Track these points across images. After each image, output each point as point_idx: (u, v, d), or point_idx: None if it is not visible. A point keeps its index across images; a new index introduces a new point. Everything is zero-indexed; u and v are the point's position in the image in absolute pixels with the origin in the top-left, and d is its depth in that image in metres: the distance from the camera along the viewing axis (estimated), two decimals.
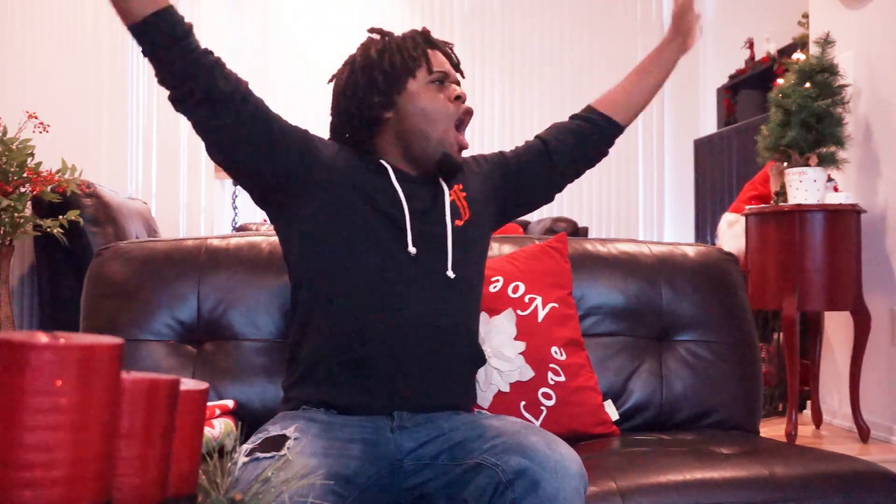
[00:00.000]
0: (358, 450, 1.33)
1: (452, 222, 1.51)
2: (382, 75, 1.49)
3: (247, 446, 1.28)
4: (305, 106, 5.41)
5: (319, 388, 1.42)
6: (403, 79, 1.49)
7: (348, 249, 1.43)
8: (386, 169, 1.49)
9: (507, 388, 1.73)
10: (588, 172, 1.77)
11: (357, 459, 1.32)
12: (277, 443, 1.28)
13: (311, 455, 1.25)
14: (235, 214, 5.28)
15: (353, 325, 1.41)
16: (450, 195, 1.53)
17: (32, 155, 2.83)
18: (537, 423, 1.72)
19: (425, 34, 1.55)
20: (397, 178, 1.49)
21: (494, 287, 1.81)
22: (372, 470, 1.33)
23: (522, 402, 1.74)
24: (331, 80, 1.58)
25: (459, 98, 1.50)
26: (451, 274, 1.47)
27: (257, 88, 1.41)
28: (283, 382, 1.51)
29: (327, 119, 1.59)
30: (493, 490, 1.23)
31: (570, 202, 5.92)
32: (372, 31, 1.57)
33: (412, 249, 1.44)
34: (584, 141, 1.70)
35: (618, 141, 1.74)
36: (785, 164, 3.27)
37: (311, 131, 1.51)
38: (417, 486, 1.35)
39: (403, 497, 1.36)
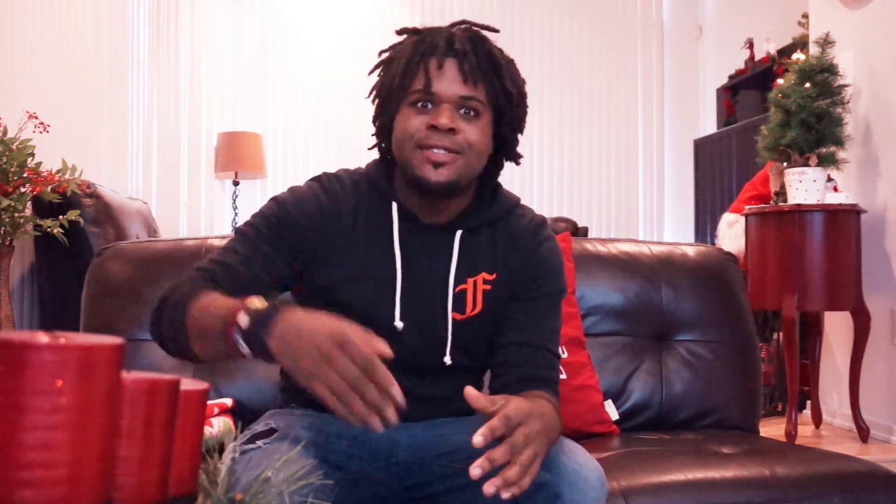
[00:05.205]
0: (345, 444, 1.32)
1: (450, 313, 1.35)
2: (380, 93, 1.34)
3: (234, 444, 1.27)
4: (304, 105, 5.40)
5: (306, 393, 1.39)
6: (399, 97, 1.30)
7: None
8: (392, 222, 1.34)
9: None
10: (588, 172, 1.74)
11: (343, 453, 1.31)
12: (264, 437, 1.28)
13: (295, 440, 1.24)
14: (235, 214, 5.28)
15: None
16: (467, 282, 1.35)
17: (33, 155, 2.83)
18: None
19: (431, 41, 1.30)
20: (402, 234, 1.33)
21: None
22: (362, 463, 1.32)
23: None
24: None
25: (436, 128, 1.25)
26: (447, 360, 1.35)
27: (257, 88, 1.38)
28: (278, 383, 1.51)
29: (326, 119, 1.46)
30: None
31: (570, 202, 5.90)
32: (399, 32, 1.39)
33: (399, 324, 1.32)
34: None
35: (618, 141, 1.73)
36: (785, 164, 3.26)
37: (310, 132, 1.41)
38: (419, 485, 1.35)
39: (405, 497, 1.35)
